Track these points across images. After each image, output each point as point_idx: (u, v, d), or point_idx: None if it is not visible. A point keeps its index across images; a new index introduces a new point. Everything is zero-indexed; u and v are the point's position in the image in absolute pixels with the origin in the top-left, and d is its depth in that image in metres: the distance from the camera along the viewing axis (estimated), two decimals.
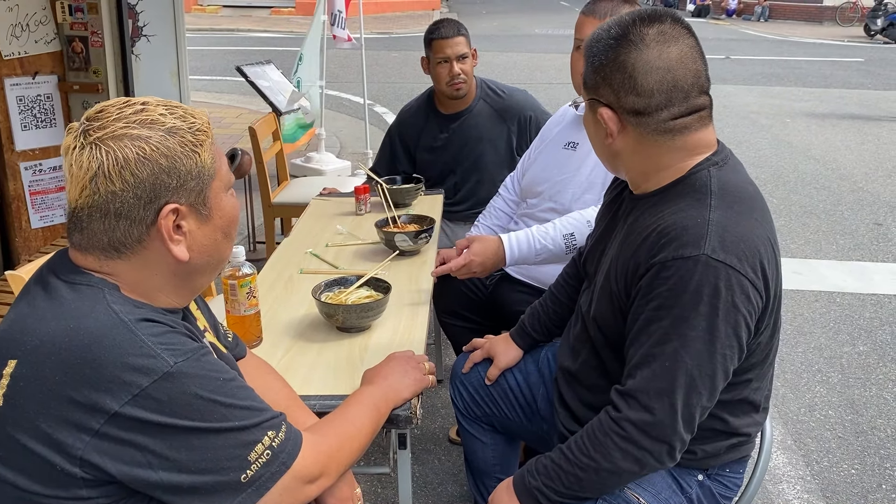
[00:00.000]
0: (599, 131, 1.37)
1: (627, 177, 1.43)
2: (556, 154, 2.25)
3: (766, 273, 1.25)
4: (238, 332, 1.58)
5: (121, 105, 1.02)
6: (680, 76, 1.27)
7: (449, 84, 2.82)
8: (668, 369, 1.23)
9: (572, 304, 1.74)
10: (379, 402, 1.34)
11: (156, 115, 1.01)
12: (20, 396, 0.95)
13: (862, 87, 11.05)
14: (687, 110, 1.29)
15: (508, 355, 1.79)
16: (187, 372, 0.97)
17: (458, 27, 2.84)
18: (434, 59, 2.83)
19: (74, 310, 0.98)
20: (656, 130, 1.29)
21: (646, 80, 1.27)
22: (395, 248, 2.19)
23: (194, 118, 1.05)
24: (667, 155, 1.32)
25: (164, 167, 1.00)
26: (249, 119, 6.95)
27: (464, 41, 2.82)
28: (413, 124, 3.01)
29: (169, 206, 1.01)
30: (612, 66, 1.29)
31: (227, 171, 1.10)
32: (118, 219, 1.00)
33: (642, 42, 1.27)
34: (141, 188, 0.99)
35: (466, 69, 2.82)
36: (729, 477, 1.45)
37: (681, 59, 1.27)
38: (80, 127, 1.01)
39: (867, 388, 3.13)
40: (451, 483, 2.49)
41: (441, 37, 2.80)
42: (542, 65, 12.70)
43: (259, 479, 1.02)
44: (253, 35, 16.08)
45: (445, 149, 2.95)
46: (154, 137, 1.00)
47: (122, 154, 0.98)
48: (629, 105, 1.29)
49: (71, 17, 3.47)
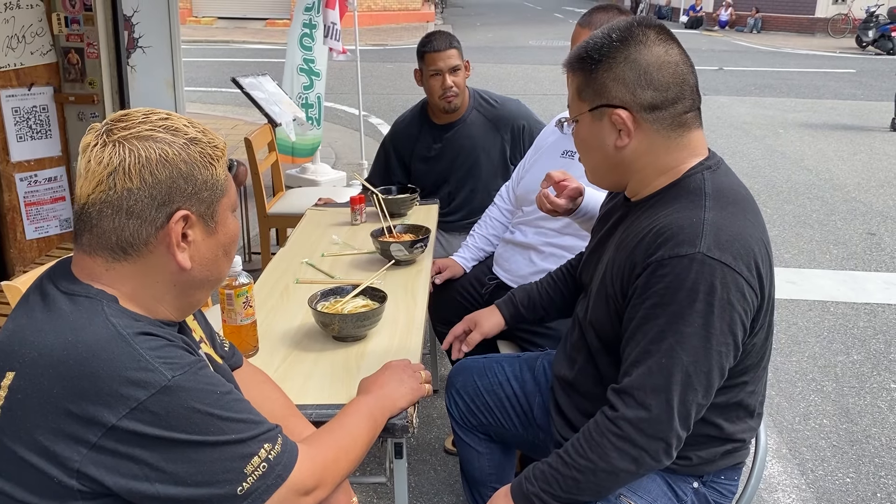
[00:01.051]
0: (608, 139, 1.36)
1: (629, 185, 1.43)
2: (552, 162, 2.26)
3: (761, 272, 1.27)
4: (234, 341, 1.58)
5: (146, 112, 1.04)
6: (685, 71, 1.33)
7: (441, 97, 2.84)
8: (664, 366, 1.23)
9: (566, 291, 1.76)
10: (375, 411, 1.34)
11: (179, 124, 1.04)
12: (18, 408, 0.95)
13: (854, 98, 11.13)
14: (693, 105, 1.34)
15: (491, 321, 1.82)
16: (185, 386, 0.97)
17: (450, 40, 2.85)
18: (427, 71, 2.84)
19: (73, 322, 0.98)
20: (672, 125, 1.33)
21: (660, 73, 1.31)
22: (391, 258, 2.20)
23: (213, 136, 1.08)
24: (670, 154, 1.35)
25: (183, 173, 1.02)
26: (244, 130, 6.97)
27: (456, 54, 2.83)
28: (407, 135, 3.02)
29: (181, 211, 1.03)
30: (625, 64, 1.31)
31: (234, 192, 1.12)
32: (129, 217, 1.01)
33: (648, 40, 1.32)
34: (157, 189, 1.01)
35: (459, 81, 2.84)
36: (724, 484, 1.45)
37: (682, 57, 1.33)
38: (102, 127, 1.02)
39: (861, 397, 3.14)
40: (447, 493, 2.48)
41: (433, 49, 2.81)
42: (536, 76, 12.76)
43: (255, 492, 1.02)
44: (248, 47, 16.12)
45: (439, 159, 2.97)
46: (177, 143, 1.02)
47: (144, 153, 1.00)
48: (647, 100, 1.31)
49: (67, 29, 3.48)
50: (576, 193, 1.85)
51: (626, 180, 1.42)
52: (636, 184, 1.41)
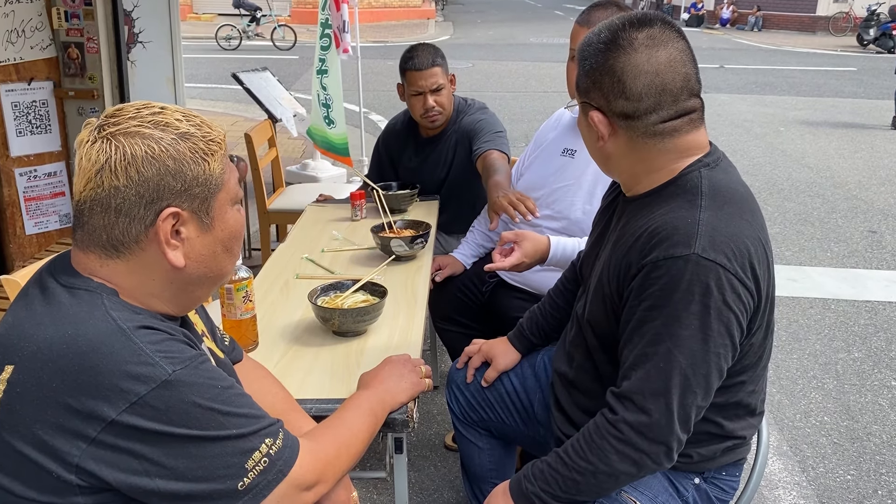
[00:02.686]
0: (592, 134, 1.38)
1: (619, 179, 1.44)
2: (552, 160, 2.25)
3: (757, 272, 1.25)
4: (234, 335, 1.57)
5: (139, 106, 1.02)
6: (668, 80, 1.27)
7: (423, 116, 2.74)
8: (663, 370, 1.23)
9: (570, 309, 1.74)
10: (375, 406, 1.34)
11: (171, 119, 1.02)
12: (17, 402, 0.94)
13: (855, 97, 11.11)
14: (676, 113, 1.30)
15: (507, 358, 1.79)
16: (185, 380, 0.96)
17: (433, 56, 2.70)
18: (409, 89, 2.73)
19: (72, 316, 0.97)
20: (646, 133, 1.30)
21: (634, 84, 1.27)
22: (391, 253, 2.19)
23: (210, 129, 1.05)
24: (658, 157, 1.33)
25: (171, 169, 1.00)
26: (244, 126, 6.95)
27: (440, 72, 2.69)
28: (394, 142, 2.98)
29: (170, 209, 1.01)
30: (602, 70, 1.30)
31: (235, 185, 1.09)
32: (118, 215, 0.99)
33: (630, 46, 1.28)
34: (144, 187, 0.99)
35: (442, 101, 2.72)
36: (725, 480, 1.45)
37: (670, 63, 1.28)
38: (97, 122, 1.01)
39: (862, 395, 3.13)
40: (447, 489, 2.48)
41: (414, 68, 2.68)
42: (537, 73, 12.74)
43: (256, 487, 1.01)
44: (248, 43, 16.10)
45: (419, 171, 2.91)
46: (165, 139, 1.00)
47: (130, 150, 0.98)
48: (619, 109, 1.30)
49: (67, 24, 3.47)
50: (518, 261, 1.94)
51: (616, 174, 1.43)
52: (627, 180, 1.40)
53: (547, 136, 2.36)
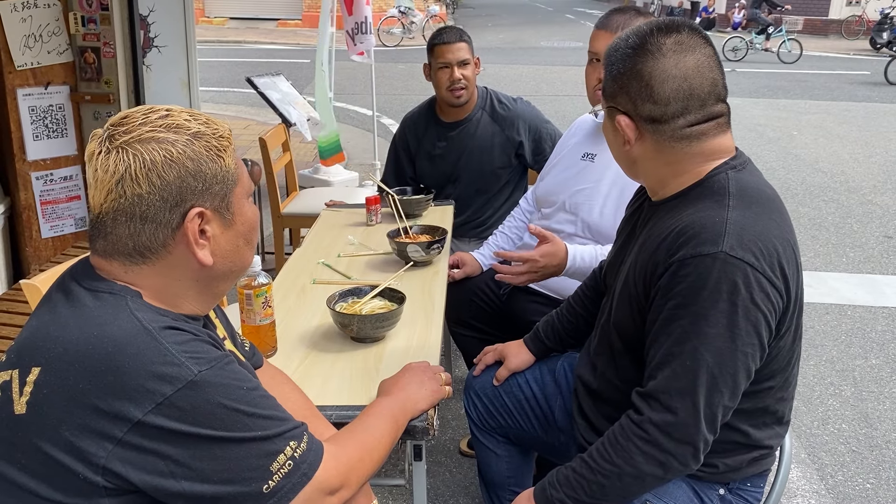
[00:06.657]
0: (618, 138, 1.38)
1: (646, 183, 1.44)
2: (572, 165, 2.24)
3: (786, 272, 1.24)
4: (253, 341, 1.57)
5: (145, 111, 1.02)
6: (696, 85, 1.28)
7: (449, 89, 2.82)
8: (689, 368, 1.22)
9: (588, 316, 1.73)
10: (397, 413, 1.33)
11: (181, 120, 1.02)
12: (44, 404, 0.94)
13: (868, 101, 11.04)
14: (703, 118, 1.30)
15: (519, 357, 1.80)
16: (211, 381, 0.96)
17: (460, 34, 2.85)
18: (435, 64, 2.83)
19: (97, 317, 0.97)
20: (672, 137, 1.31)
21: (662, 88, 1.28)
22: (408, 259, 2.19)
23: (217, 125, 1.06)
24: (684, 161, 1.33)
25: (191, 170, 1.01)
26: (257, 130, 6.97)
27: (466, 47, 2.82)
28: (414, 131, 3.02)
29: (195, 209, 1.02)
30: (630, 74, 1.31)
31: (247, 177, 1.11)
32: (144, 222, 1.00)
33: (659, 51, 1.29)
34: (167, 191, 0.99)
35: (468, 75, 2.82)
36: (750, 491, 1.43)
37: (697, 68, 1.29)
38: (104, 133, 1.01)
39: (881, 402, 3.10)
40: (462, 496, 2.47)
41: (443, 42, 2.80)
42: (548, 77, 12.73)
43: (281, 490, 1.01)
44: (260, 47, 16.17)
45: (444, 157, 2.95)
46: (180, 141, 1.00)
47: (149, 157, 0.98)
48: (646, 113, 1.31)
49: (83, 28, 3.49)
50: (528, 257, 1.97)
51: (642, 178, 1.43)
52: (653, 184, 1.41)
53: (568, 142, 2.36)
